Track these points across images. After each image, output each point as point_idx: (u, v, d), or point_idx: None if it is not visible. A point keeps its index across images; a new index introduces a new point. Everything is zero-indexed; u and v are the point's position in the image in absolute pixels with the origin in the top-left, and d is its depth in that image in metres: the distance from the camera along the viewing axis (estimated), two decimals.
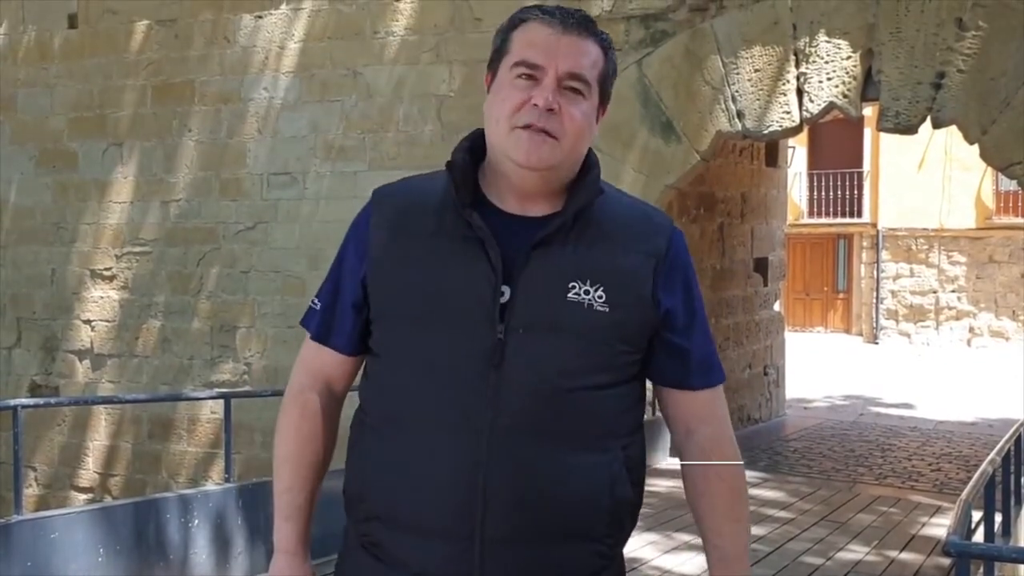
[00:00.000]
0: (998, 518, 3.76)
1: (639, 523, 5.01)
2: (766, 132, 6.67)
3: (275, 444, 1.42)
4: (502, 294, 1.28)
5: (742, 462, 1.47)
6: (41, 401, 6.39)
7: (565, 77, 1.30)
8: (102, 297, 8.52)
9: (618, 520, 1.33)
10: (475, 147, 1.36)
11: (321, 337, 1.40)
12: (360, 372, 1.43)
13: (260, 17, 7.81)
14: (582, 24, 1.34)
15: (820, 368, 13.43)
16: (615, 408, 1.32)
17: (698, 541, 5.14)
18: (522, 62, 1.31)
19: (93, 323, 8.57)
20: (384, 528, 1.29)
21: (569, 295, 1.28)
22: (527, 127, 1.29)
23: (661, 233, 1.35)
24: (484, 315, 1.28)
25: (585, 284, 1.29)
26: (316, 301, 1.41)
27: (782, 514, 5.51)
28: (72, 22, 8.66)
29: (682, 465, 1.44)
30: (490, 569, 1.25)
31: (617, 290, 1.29)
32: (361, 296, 1.35)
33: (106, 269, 8.54)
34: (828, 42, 6.39)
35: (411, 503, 1.27)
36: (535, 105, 1.29)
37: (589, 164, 1.36)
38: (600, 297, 1.28)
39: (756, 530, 5.10)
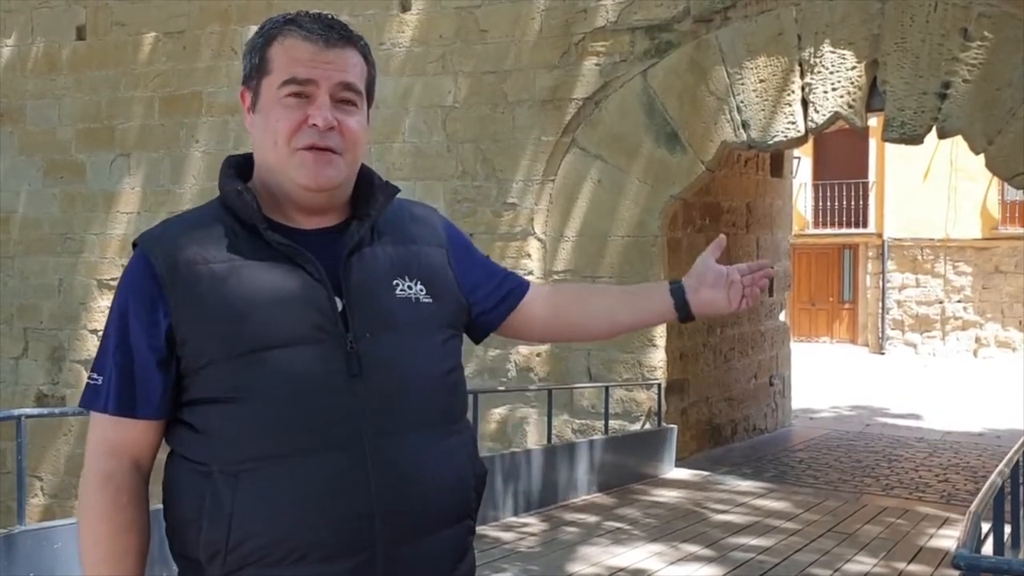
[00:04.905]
0: (1007, 530, 3.74)
1: (643, 534, 4.94)
2: (771, 142, 6.67)
3: (82, 543, 1.29)
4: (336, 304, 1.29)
5: None
6: (45, 411, 6.39)
7: (338, 89, 1.30)
8: (109, 307, 8.54)
9: (479, 496, 1.39)
10: (238, 172, 1.35)
11: (126, 410, 1.28)
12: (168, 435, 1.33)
13: None
14: (343, 35, 1.32)
15: (826, 378, 13.39)
16: (460, 390, 1.39)
17: (705, 552, 5.06)
18: (291, 80, 1.28)
19: (100, 333, 8.58)
20: (266, 569, 1.24)
21: (397, 292, 1.33)
22: (309, 148, 1.28)
23: (438, 223, 1.45)
24: (329, 328, 1.27)
25: (406, 280, 1.34)
26: (96, 376, 1.30)
27: (788, 525, 5.48)
28: (80, 34, 8.71)
29: (565, 322, 1.54)
30: (391, 571, 1.27)
31: (432, 281, 1.36)
32: (166, 351, 1.27)
33: (113, 279, 8.56)
34: (833, 52, 6.40)
35: (306, 532, 1.23)
36: (314, 125, 1.28)
37: (365, 168, 1.39)
38: (421, 290, 1.35)
39: (762, 541, 5.07)
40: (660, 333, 7.04)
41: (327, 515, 1.24)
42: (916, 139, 6.40)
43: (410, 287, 1.33)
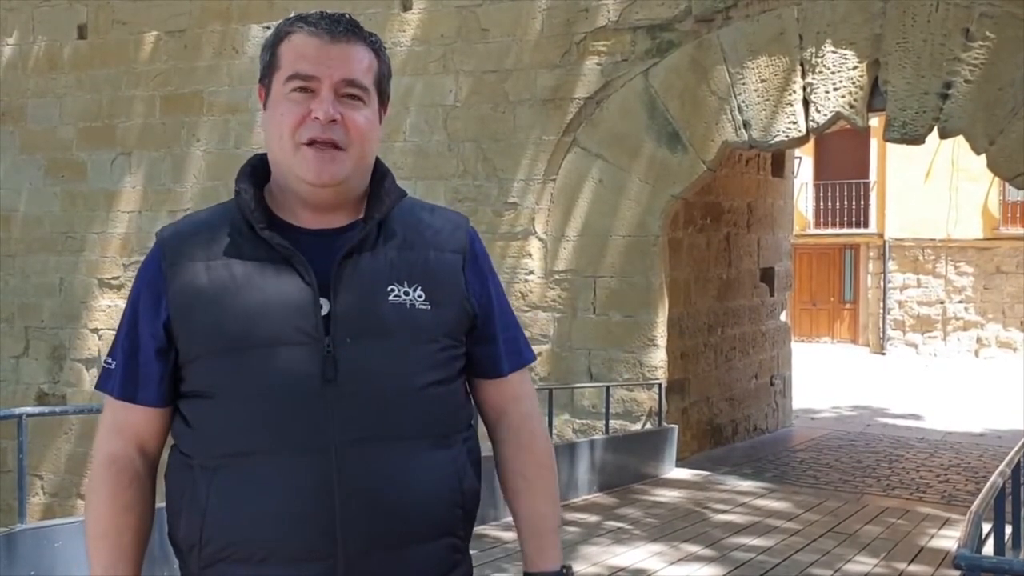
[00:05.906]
0: (1008, 530, 3.73)
1: (644, 534, 4.93)
2: (772, 142, 6.67)
3: (86, 522, 1.33)
4: (321, 307, 1.28)
5: (550, 439, 1.50)
6: (46, 410, 6.39)
7: (341, 85, 1.30)
8: (110, 306, 8.55)
9: (468, 512, 1.35)
10: (256, 171, 1.36)
11: (128, 394, 1.32)
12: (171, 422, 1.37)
13: (268, 28, 7.85)
14: (350, 30, 1.32)
15: (827, 379, 13.38)
16: (452, 404, 1.34)
17: (706, 552, 5.07)
18: (295, 75, 1.29)
19: (100, 332, 8.59)
20: (234, 567, 1.26)
21: (390, 298, 1.29)
22: (311, 142, 1.28)
23: (461, 229, 1.39)
24: (309, 331, 1.26)
25: (403, 286, 1.30)
26: (110, 360, 1.35)
27: (789, 525, 5.48)
28: (81, 33, 8.71)
29: (495, 445, 1.44)
30: None
31: (435, 288, 1.32)
32: (165, 341, 1.30)
33: (114, 278, 8.56)
34: (834, 52, 6.39)
35: (266, 534, 1.24)
36: (316, 118, 1.28)
37: (383, 170, 1.38)
38: (420, 296, 1.31)
39: (763, 541, 5.07)
40: (661, 333, 7.04)
41: (287, 519, 1.24)
42: (917, 139, 6.40)
43: (407, 293, 1.30)
